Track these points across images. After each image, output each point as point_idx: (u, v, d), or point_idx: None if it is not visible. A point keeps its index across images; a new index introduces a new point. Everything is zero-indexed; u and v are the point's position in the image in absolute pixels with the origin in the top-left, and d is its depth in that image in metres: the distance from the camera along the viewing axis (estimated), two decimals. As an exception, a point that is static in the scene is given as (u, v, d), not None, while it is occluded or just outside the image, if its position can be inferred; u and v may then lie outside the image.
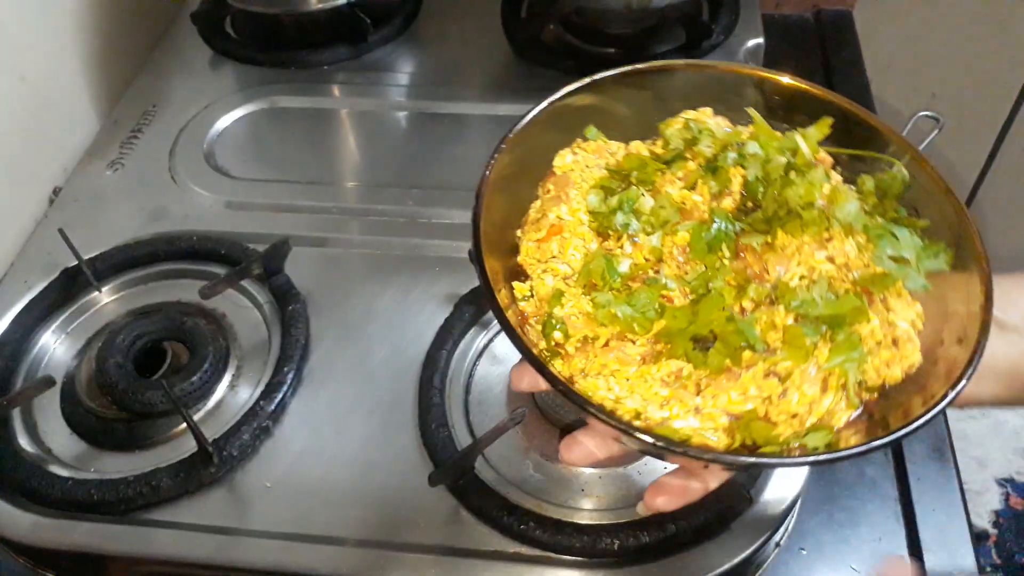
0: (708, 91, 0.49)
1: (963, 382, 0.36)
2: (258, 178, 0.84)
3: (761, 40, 0.96)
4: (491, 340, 0.69)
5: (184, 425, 0.63)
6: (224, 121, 0.90)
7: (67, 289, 0.73)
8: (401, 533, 0.58)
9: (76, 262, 0.72)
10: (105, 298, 0.74)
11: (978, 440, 1.42)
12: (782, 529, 0.59)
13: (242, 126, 0.91)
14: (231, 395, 0.67)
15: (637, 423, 0.38)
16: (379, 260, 0.76)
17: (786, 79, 0.48)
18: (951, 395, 0.36)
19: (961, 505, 0.65)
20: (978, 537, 1.36)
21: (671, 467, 0.44)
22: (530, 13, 1.01)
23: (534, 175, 0.47)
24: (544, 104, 0.45)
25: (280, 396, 0.64)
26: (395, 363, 0.68)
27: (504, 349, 0.68)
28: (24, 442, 0.64)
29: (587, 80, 0.46)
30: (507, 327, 0.38)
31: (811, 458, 0.34)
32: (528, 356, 0.37)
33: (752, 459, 0.36)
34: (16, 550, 0.59)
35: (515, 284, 0.43)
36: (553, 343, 0.41)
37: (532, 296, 0.43)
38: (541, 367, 0.37)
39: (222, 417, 0.65)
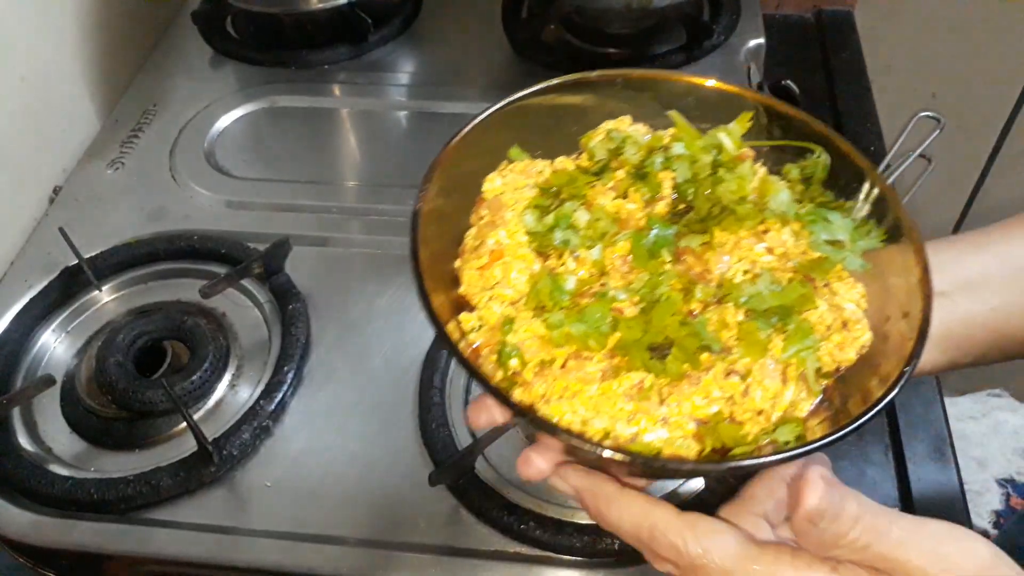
0: (625, 99, 0.49)
1: (916, 359, 0.37)
2: (258, 177, 0.84)
3: (762, 40, 0.96)
4: (491, 340, 0.69)
5: (184, 424, 0.63)
6: (224, 120, 0.90)
7: (67, 288, 0.73)
8: (401, 533, 0.58)
9: (76, 261, 0.72)
10: (105, 297, 0.74)
11: (978, 440, 1.42)
12: (782, 529, 0.59)
13: (242, 125, 0.91)
14: (231, 394, 0.67)
15: (608, 443, 0.37)
16: (379, 260, 0.76)
17: (710, 82, 0.48)
18: (908, 371, 0.36)
19: (962, 505, 0.65)
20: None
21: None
22: (530, 13, 1.01)
23: (465, 202, 0.46)
24: (466, 129, 0.45)
25: (280, 395, 0.64)
26: (395, 363, 0.68)
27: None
28: (24, 441, 0.64)
29: (505, 101, 0.46)
30: (462, 361, 0.37)
31: (785, 454, 0.34)
32: (488, 389, 0.37)
33: (726, 465, 0.36)
34: (16, 549, 0.59)
35: (462, 316, 0.42)
36: (510, 372, 0.40)
37: (481, 326, 0.42)
38: (504, 398, 0.37)
39: (222, 416, 0.65)
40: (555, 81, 0.47)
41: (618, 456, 0.35)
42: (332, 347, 0.69)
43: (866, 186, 0.44)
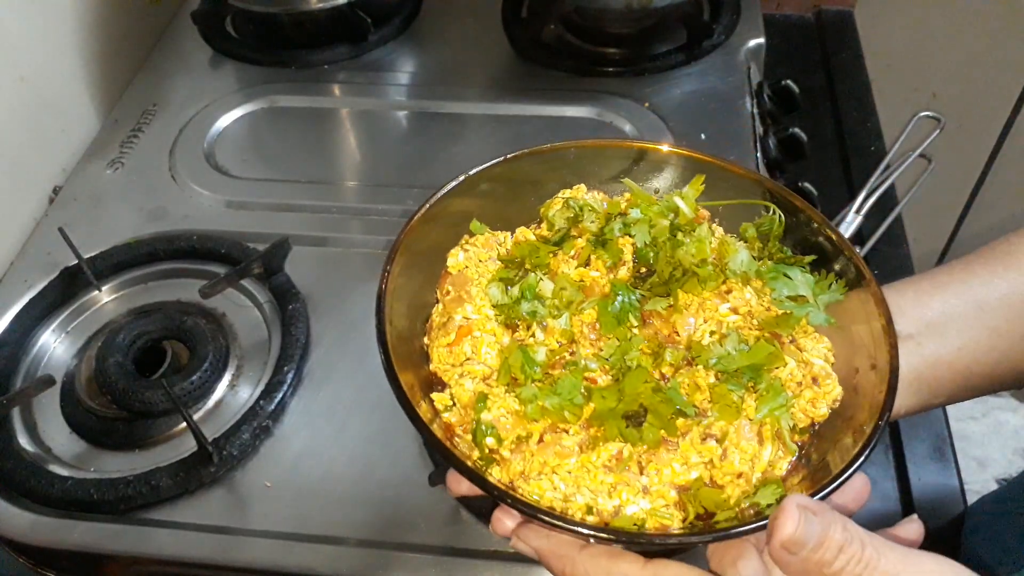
0: (578, 168, 0.50)
1: (887, 411, 0.37)
2: (258, 177, 0.84)
3: (762, 40, 0.96)
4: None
5: (184, 424, 0.63)
6: (224, 120, 0.90)
7: (67, 288, 0.73)
8: (401, 533, 0.58)
9: (76, 261, 0.72)
10: (105, 297, 0.74)
11: (978, 441, 1.42)
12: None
13: (242, 125, 0.91)
14: (231, 394, 0.66)
15: (591, 519, 0.37)
16: (379, 260, 0.74)
17: (664, 147, 0.50)
18: (882, 425, 0.37)
19: (962, 506, 0.65)
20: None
21: None
22: (530, 13, 1.01)
23: (429, 277, 0.47)
24: (426, 206, 0.45)
25: (280, 396, 0.64)
26: (395, 363, 0.67)
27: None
28: (24, 441, 0.64)
29: (462, 177, 0.47)
30: (436, 444, 0.37)
31: (766, 521, 0.34)
32: (465, 472, 0.36)
33: (712, 535, 0.35)
34: (16, 549, 0.59)
35: (434, 396, 0.42)
36: (487, 450, 0.40)
37: (454, 405, 0.42)
38: (483, 483, 0.36)
39: (222, 416, 0.65)
40: (509, 156, 0.48)
41: (605, 536, 0.35)
42: (332, 347, 0.69)
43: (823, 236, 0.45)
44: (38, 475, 0.60)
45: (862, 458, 0.36)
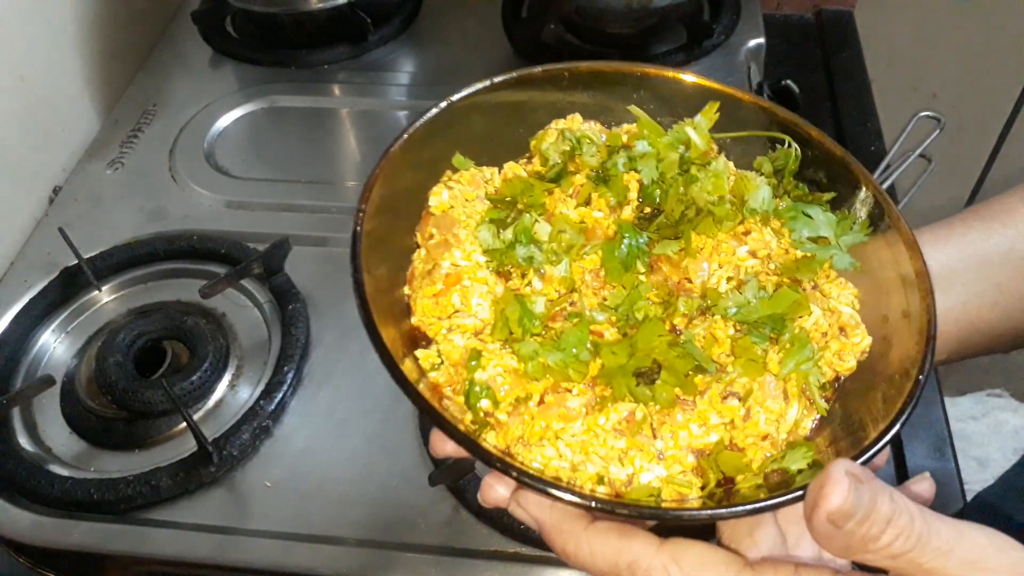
0: (573, 95, 0.44)
1: (928, 363, 0.33)
2: (258, 177, 0.84)
3: (762, 40, 0.96)
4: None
5: (184, 424, 0.63)
6: (224, 120, 0.90)
7: (67, 288, 0.73)
8: (401, 533, 0.58)
9: (76, 261, 0.72)
10: (105, 297, 0.74)
11: (979, 440, 1.42)
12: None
13: (242, 125, 0.91)
14: (231, 394, 0.66)
15: (602, 488, 0.34)
16: None
17: (664, 72, 0.44)
18: (923, 379, 0.33)
19: (962, 506, 0.65)
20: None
21: None
22: (531, 13, 1.01)
23: (409, 220, 0.41)
24: (402, 137, 0.40)
25: (280, 396, 0.64)
26: (395, 363, 0.67)
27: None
28: (24, 441, 0.64)
29: (442, 104, 0.42)
30: (425, 407, 0.33)
31: (799, 492, 0.30)
32: (455, 435, 0.32)
33: (745, 508, 0.31)
34: (16, 549, 0.59)
35: (419, 353, 0.37)
36: (481, 414, 0.35)
37: (442, 363, 0.37)
38: (481, 452, 0.32)
39: (222, 416, 0.65)
40: (496, 79, 0.43)
41: (622, 511, 0.31)
42: (332, 347, 0.69)
43: (848, 178, 0.41)
44: (38, 475, 0.60)
45: (904, 415, 0.32)
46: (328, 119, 0.92)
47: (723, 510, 0.32)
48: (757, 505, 0.31)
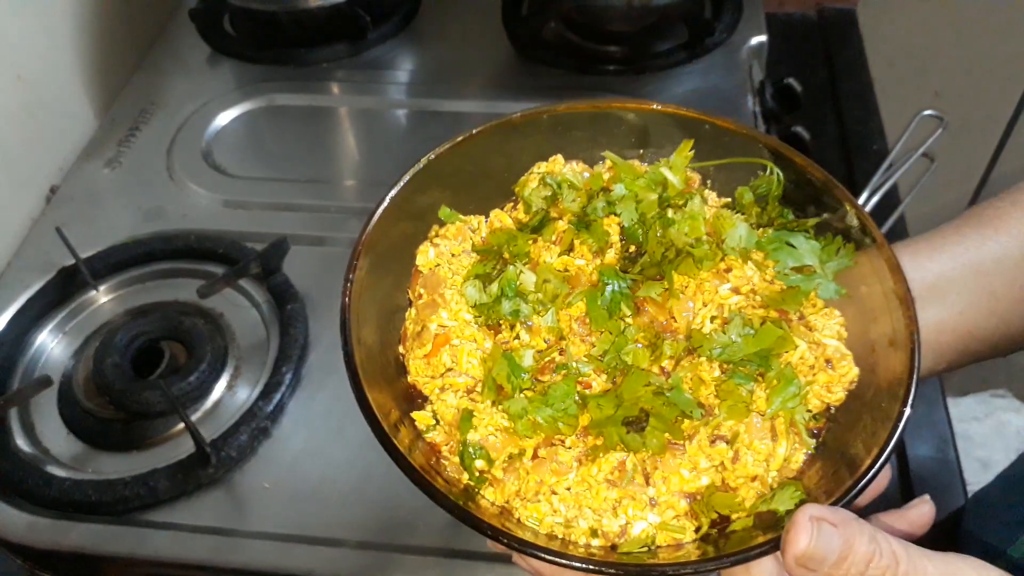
0: (554, 136, 0.45)
1: (911, 395, 0.34)
2: (256, 176, 0.84)
3: (764, 38, 0.96)
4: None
5: (182, 425, 0.63)
6: (222, 119, 0.90)
7: (64, 288, 0.73)
8: (400, 535, 0.57)
9: (73, 261, 0.72)
10: (102, 297, 0.74)
11: (981, 441, 1.41)
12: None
13: (240, 124, 0.90)
14: (229, 395, 0.66)
15: (596, 542, 0.35)
16: None
17: (645, 106, 0.45)
18: (906, 411, 0.34)
19: (963, 503, 0.65)
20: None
21: None
22: (531, 10, 1.01)
23: (400, 276, 0.42)
24: (389, 196, 0.42)
25: (278, 396, 0.64)
26: (394, 363, 0.67)
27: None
28: (21, 442, 0.64)
29: (425, 160, 0.43)
30: (414, 478, 0.33)
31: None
32: (449, 507, 0.33)
33: (731, 558, 0.32)
34: (13, 551, 0.59)
35: (415, 414, 0.39)
36: (477, 473, 0.37)
37: (437, 423, 0.38)
38: (476, 522, 0.32)
39: (220, 417, 0.64)
40: (475, 131, 0.43)
41: (608, 571, 0.32)
42: (331, 348, 0.69)
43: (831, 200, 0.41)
44: (35, 476, 0.60)
45: (885, 454, 0.32)
46: (327, 118, 0.91)
47: (714, 562, 0.32)
48: (746, 554, 0.31)
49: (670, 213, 0.41)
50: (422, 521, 0.58)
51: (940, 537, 0.32)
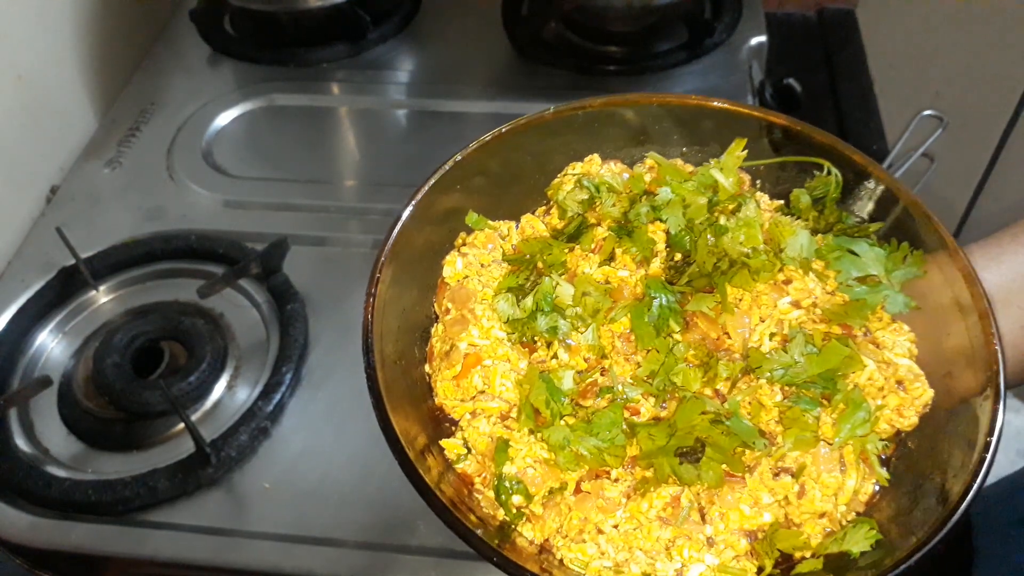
0: (589, 133, 0.41)
1: (999, 420, 0.31)
2: (256, 176, 0.84)
3: (764, 38, 0.96)
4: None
5: (182, 425, 0.63)
6: (222, 119, 0.90)
7: (64, 288, 0.73)
8: (400, 535, 0.57)
9: (73, 261, 0.72)
10: (102, 297, 0.74)
11: (980, 440, 1.41)
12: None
13: (240, 124, 0.90)
14: (229, 395, 0.66)
15: None
16: None
17: (685, 99, 0.41)
18: (992, 442, 0.30)
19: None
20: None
21: None
22: (531, 11, 1.01)
23: (424, 289, 0.39)
24: (410, 208, 0.38)
25: (278, 396, 0.64)
26: (394, 363, 0.67)
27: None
28: (21, 442, 0.64)
29: (453, 160, 0.39)
30: (449, 520, 0.30)
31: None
32: (491, 556, 0.29)
33: None
34: (13, 551, 0.59)
35: (444, 443, 0.35)
36: (514, 509, 0.33)
37: (469, 452, 0.35)
38: (512, 568, 0.29)
39: (220, 417, 0.64)
40: (504, 128, 0.40)
41: None
42: (331, 348, 0.69)
43: (877, 193, 0.37)
44: (35, 476, 0.60)
45: (975, 488, 0.29)
46: (327, 118, 0.91)
47: None
48: None
49: (722, 220, 0.37)
50: (422, 521, 0.58)
51: (947, 538, 0.30)
